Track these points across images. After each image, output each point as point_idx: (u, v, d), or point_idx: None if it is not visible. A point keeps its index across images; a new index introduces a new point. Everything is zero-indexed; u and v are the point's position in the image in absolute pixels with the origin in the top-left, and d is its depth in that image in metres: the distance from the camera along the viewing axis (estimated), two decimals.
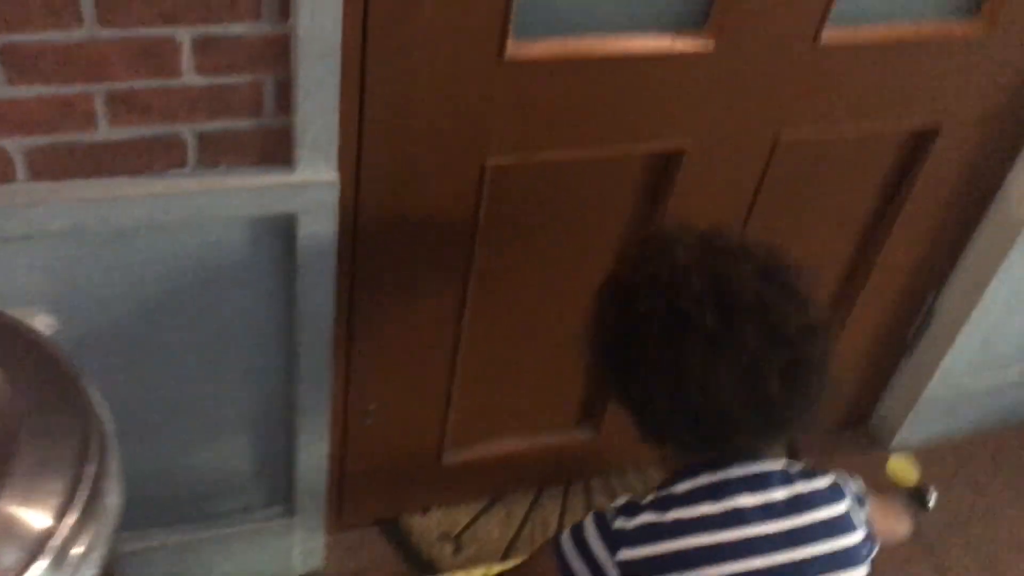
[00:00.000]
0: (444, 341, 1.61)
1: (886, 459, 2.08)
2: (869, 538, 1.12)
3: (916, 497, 2.08)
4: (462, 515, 1.91)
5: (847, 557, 1.07)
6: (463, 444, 1.83)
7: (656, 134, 1.47)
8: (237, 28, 1.10)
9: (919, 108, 1.62)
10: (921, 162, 1.70)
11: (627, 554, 1.03)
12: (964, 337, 2.00)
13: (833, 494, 1.10)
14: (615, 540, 1.05)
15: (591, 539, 1.06)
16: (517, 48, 1.30)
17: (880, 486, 2.07)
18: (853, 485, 1.15)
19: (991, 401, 2.22)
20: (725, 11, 1.37)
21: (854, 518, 1.10)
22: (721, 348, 1.00)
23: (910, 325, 2.04)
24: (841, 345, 1.99)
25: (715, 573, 1.02)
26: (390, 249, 1.45)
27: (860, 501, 1.14)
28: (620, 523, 1.05)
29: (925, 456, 2.17)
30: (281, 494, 1.64)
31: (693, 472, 1.08)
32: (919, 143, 1.68)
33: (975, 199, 1.83)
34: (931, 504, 2.07)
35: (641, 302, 1.03)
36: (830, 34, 1.45)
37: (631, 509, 1.06)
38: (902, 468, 2.09)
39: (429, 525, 1.88)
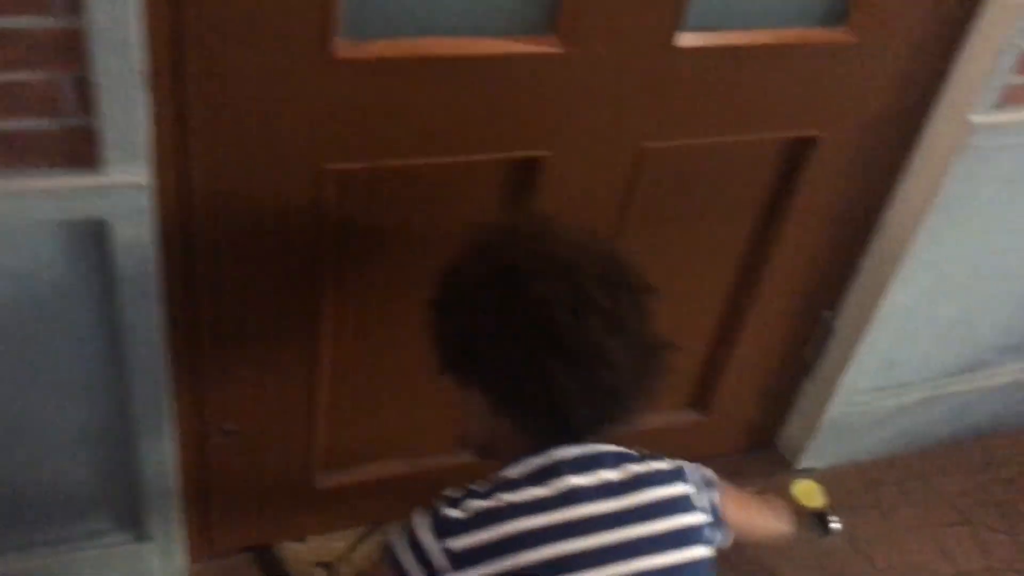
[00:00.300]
0: (301, 356, 1.55)
1: (791, 481, 2.03)
2: (716, 523, 1.14)
3: (818, 521, 2.02)
4: (340, 542, 1.83)
5: (686, 535, 1.08)
6: (338, 467, 1.76)
7: (513, 140, 1.42)
8: (23, 21, 1.05)
9: (793, 116, 1.57)
10: (801, 172, 1.65)
11: (460, 542, 1.02)
12: (863, 356, 1.95)
13: (673, 475, 1.11)
14: (446, 529, 1.03)
15: (421, 532, 1.04)
16: (348, 48, 1.25)
17: (789, 508, 2.02)
18: (701, 471, 1.16)
19: (898, 423, 2.17)
20: (573, 13, 1.32)
21: (695, 500, 1.11)
22: (617, 325, 1.05)
23: (807, 343, 1.99)
24: (739, 363, 1.94)
25: (551, 553, 1.01)
26: (232, 257, 1.39)
27: (708, 486, 1.15)
28: (452, 512, 1.04)
29: (832, 479, 2.11)
30: (130, 518, 1.56)
31: (521, 458, 1.08)
32: (798, 152, 1.64)
33: (863, 211, 1.78)
34: (834, 528, 2.01)
35: (538, 286, 1.03)
36: (688, 39, 1.41)
37: (463, 498, 1.05)
38: (806, 491, 2.02)
39: (304, 552, 1.81)
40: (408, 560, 1.05)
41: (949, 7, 1.53)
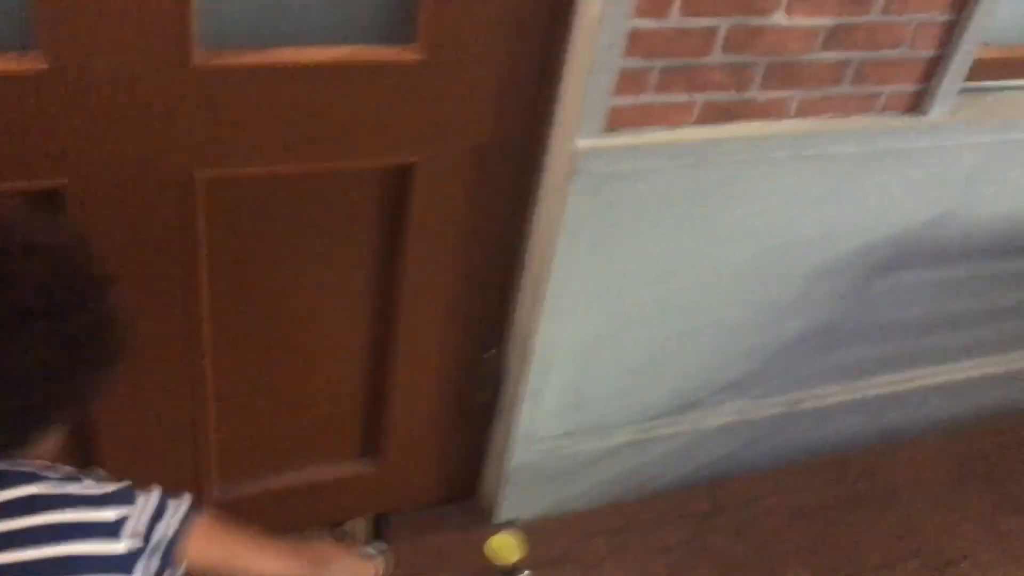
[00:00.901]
0: None
1: (492, 535, 1.88)
2: (156, 554, 1.05)
3: None
4: None
5: (90, 564, 0.99)
6: None
7: (15, 168, 1.28)
8: None
9: (379, 142, 1.44)
10: (407, 201, 1.52)
11: None
12: (538, 398, 1.81)
13: (104, 500, 1.03)
14: None
15: None
16: None
17: (480, 565, 1.87)
18: (163, 500, 1.07)
19: (608, 469, 2.03)
20: (51, 25, 1.18)
21: (123, 527, 1.02)
22: (31, 324, 0.95)
23: (479, 388, 1.85)
24: (403, 409, 1.80)
25: None
26: None
27: (160, 516, 1.06)
28: None
29: (541, 531, 1.97)
30: None
31: None
32: (398, 181, 1.51)
33: (499, 242, 1.65)
34: None
35: None
36: (205, 57, 1.28)
37: None
38: (503, 545, 1.88)
39: None
40: None
41: (532, 28, 1.42)
